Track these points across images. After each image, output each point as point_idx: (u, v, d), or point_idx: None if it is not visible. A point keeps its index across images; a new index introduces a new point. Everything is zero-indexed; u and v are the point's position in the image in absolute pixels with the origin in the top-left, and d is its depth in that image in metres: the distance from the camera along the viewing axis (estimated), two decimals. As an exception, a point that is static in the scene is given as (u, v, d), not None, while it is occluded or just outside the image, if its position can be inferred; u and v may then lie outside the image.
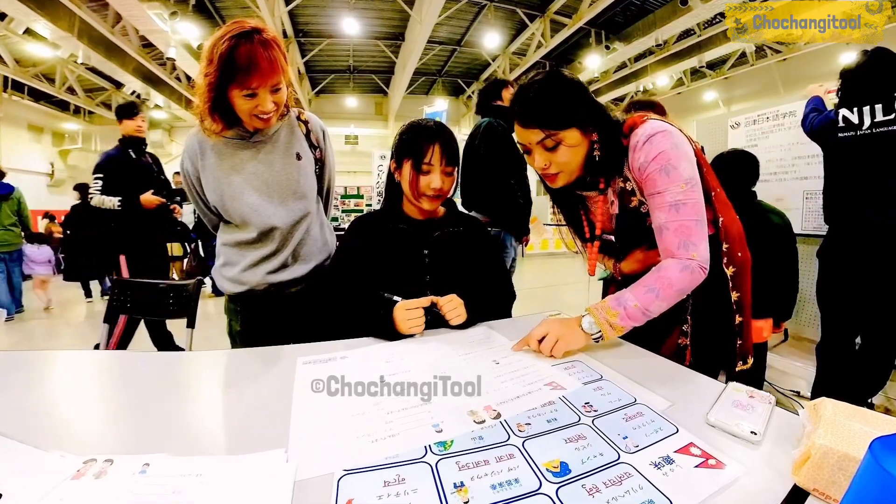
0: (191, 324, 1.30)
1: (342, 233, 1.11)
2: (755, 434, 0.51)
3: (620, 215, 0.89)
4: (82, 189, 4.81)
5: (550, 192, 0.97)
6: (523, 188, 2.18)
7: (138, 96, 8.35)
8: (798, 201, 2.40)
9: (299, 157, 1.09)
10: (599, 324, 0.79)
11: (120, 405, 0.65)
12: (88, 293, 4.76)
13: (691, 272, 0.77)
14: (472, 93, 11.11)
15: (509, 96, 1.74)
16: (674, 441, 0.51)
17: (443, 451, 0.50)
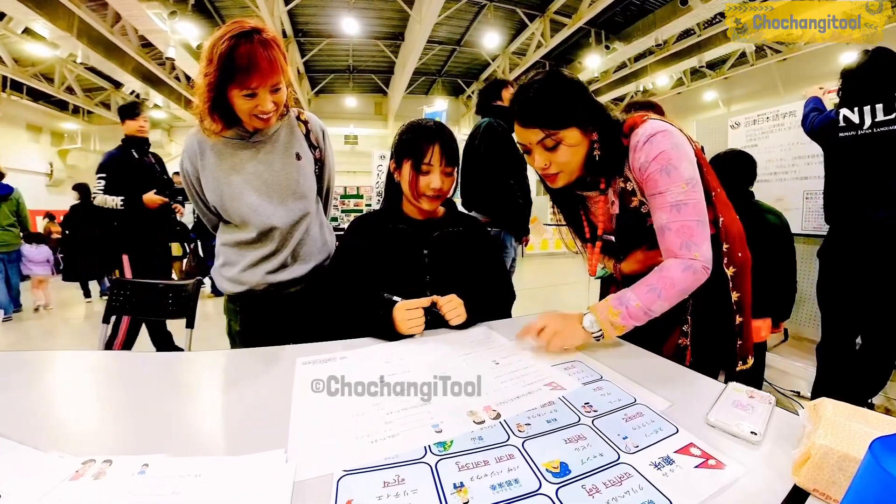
0: (190, 324, 1.30)
1: (342, 233, 1.11)
2: (755, 434, 0.51)
3: (621, 215, 0.89)
4: (81, 189, 4.81)
5: (550, 192, 0.97)
6: (523, 188, 2.18)
7: (137, 96, 8.33)
8: (798, 201, 2.40)
9: (299, 157, 1.09)
10: (600, 322, 0.79)
11: (119, 405, 0.65)
12: (87, 293, 4.76)
13: (694, 272, 0.77)
14: (471, 93, 11.11)
15: (509, 96, 1.73)
16: (674, 441, 0.51)
17: (442, 452, 0.50)
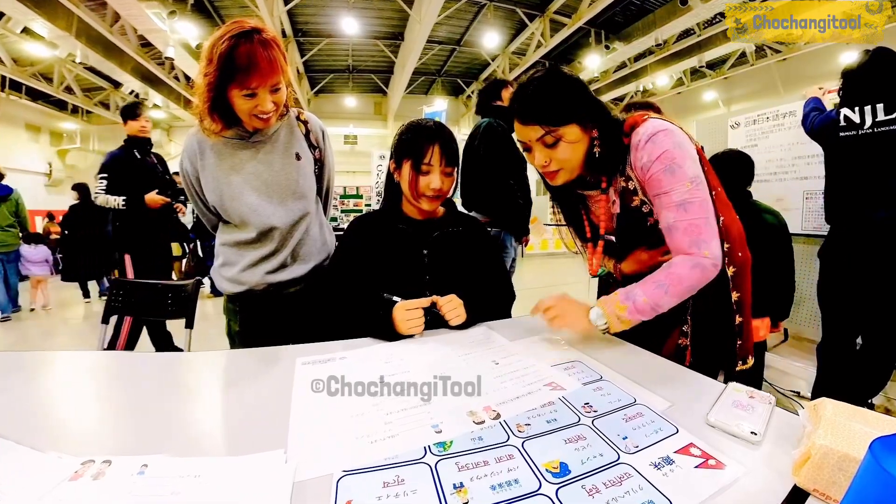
0: (189, 324, 1.30)
1: (341, 233, 1.11)
2: (755, 434, 0.51)
3: (622, 214, 0.89)
4: (80, 189, 4.80)
5: (551, 190, 0.97)
6: (523, 188, 2.18)
7: (137, 96, 8.32)
8: (798, 201, 2.40)
9: (299, 157, 1.09)
10: (607, 316, 0.80)
11: (118, 406, 0.65)
12: (86, 293, 4.76)
13: (702, 269, 0.77)
14: (471, 92, 11.11)
15: (509, 96, 1.73)
16: (674, 441, 0.51)
17: (442, 452, 0.50)
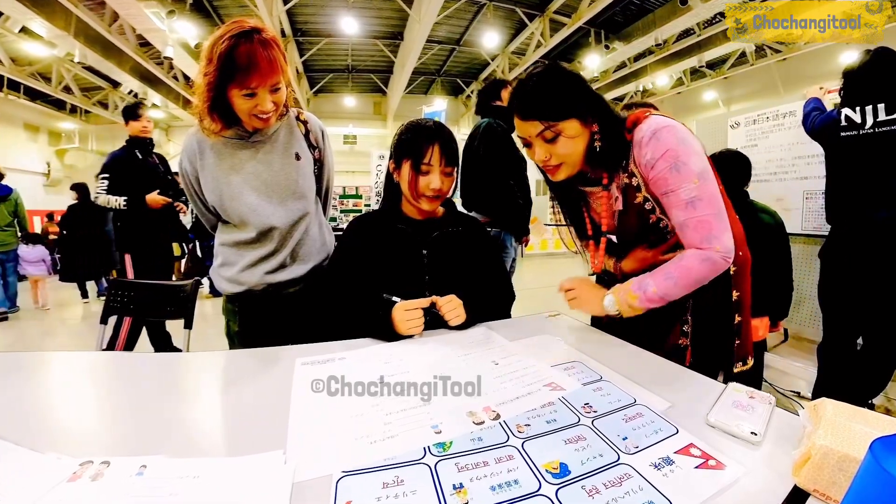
0: (188, 325, 1.30)
1: (341, 233, 1.11)
2: (755, 435, 0.51)
3: (624, 211, 0.89)
4: (79, 189, 4.79)
5: (551, 186, 0.97)
6: (523, 189, 2.18)
7: (135, 95, 8.31)
8: (798, 201, 2.40)
9: (298, 157, 1.08)
10: (619, 304, 0.85)
11: (117, 406, 0.65)
12: (85, 294, 4.75)
13: (712, 263, 0.79)
14: (471, 92, 11.10)
15: (508, 96, 1.73)
16: (674, 442, 0.51)
17: (442, 453, 0.50)
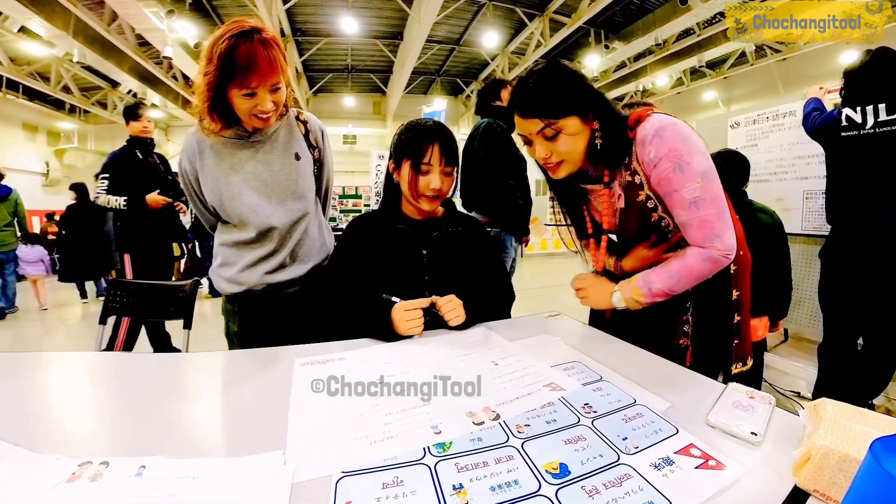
0: (187, 325, 1.29)
1: (340, 233, 1.10)
2: (755, 435, 0.51)
3: (625, 209, 0.89)
4: (78, 189, 4.78)
5: (552, 184, 0.97)
6: (523, 189, 2.18)
7: (135, 95, 8.30)
8: (798, 201, 2.40)
9: (298, 157, 1.08)
10: (626, 300, 0.87)
11: (116, 407, 0.65)
12: (84, 294, 4.74)
13: (713, 261, 0.80)
14: (470, 92, 11.11)
15: (508, 96, 1.73)
16: (674, 442, 0.51)
17: (442, 453, 0.50)
